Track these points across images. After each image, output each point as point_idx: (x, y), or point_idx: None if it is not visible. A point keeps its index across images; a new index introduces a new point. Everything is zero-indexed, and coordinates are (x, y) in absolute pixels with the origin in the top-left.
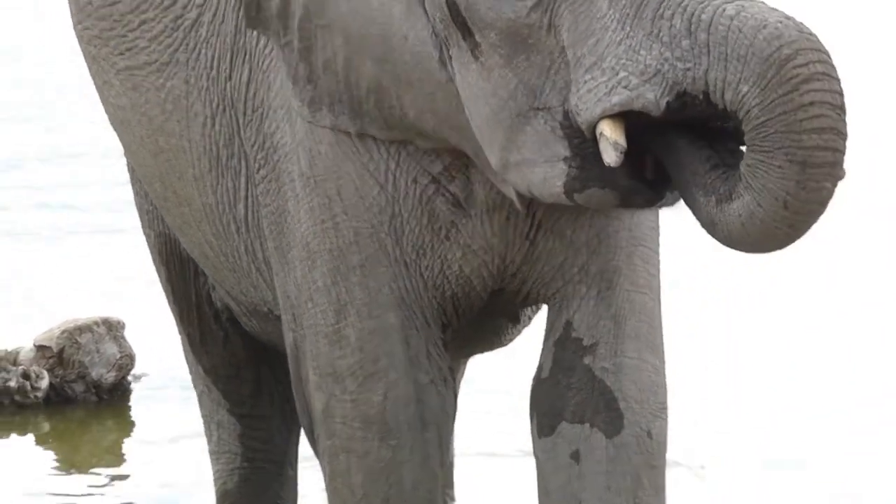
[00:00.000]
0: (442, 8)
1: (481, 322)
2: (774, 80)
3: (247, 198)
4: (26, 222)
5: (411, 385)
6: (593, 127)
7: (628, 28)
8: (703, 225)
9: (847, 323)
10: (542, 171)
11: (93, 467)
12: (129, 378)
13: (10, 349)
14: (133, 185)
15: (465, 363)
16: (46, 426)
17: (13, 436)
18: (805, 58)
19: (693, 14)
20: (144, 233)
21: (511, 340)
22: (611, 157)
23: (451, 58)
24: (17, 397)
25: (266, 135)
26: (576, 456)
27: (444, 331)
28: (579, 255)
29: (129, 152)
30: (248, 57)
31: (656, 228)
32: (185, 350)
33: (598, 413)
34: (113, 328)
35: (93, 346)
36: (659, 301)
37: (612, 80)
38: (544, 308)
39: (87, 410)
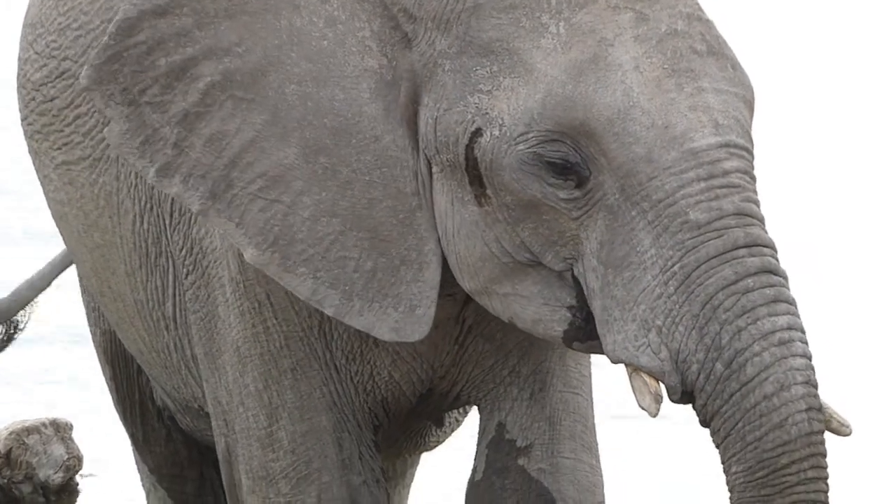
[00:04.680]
0: (458, 155)
1: (408, 424)
2: (761, 481)
3: (174, 296)
4: None
5: (345, 487)
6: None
7: (671, 289)
8: None
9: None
10: (537, 311)
11: None
12: (77, 479)
13: None
14: (80, 281)
15: (413, 466)
16: None
17: None
18: (798, 467)
19: (741, 350)
20: (90, 330)
21: (438, 443)
22: (649, 407)
23: (431, 176)
24: None
25: (195, 240)
26: None
27: (376, 433)
28: (510, 358)
29: (68, 247)
30: None
31: None
32: (132, 449)
33: None
34: (61, 429)
35: (40, 448)
36: (591, 401)
37: (642, 334)
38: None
39: None
